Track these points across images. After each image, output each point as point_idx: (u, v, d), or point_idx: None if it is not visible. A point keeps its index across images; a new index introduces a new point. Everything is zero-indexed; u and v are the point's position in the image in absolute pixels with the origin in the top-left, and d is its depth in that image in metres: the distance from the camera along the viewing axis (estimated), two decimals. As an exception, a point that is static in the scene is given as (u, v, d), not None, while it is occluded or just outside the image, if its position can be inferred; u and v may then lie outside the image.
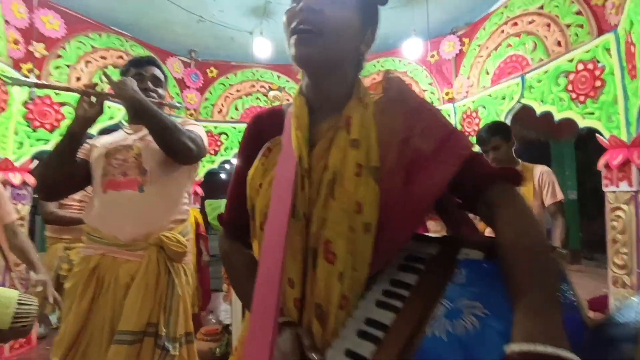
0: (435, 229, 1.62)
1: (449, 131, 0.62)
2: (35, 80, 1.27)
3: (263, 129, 0.72)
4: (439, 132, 0.61)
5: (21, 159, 2.97)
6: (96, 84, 1.22)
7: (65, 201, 2.64)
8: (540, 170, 2.11)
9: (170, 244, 1.20)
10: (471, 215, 0.68)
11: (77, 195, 2.61)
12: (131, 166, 1.26)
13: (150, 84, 1.36)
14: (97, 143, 1.38)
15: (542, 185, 2.06)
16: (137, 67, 1.38)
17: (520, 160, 2.17)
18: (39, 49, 3.14)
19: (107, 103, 1.22)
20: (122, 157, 1.28)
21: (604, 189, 2.39)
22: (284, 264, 0.54)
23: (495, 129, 2.14)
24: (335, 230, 0.57)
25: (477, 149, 2.13)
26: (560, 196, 2.06)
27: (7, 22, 2.88)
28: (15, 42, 2.95)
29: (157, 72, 1.41)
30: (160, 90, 1.40)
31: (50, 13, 3.21)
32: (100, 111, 1.21)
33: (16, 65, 2.96)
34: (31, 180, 2.98)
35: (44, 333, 3.19)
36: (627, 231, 2.21)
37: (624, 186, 2.25)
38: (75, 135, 1.21)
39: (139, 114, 1.20)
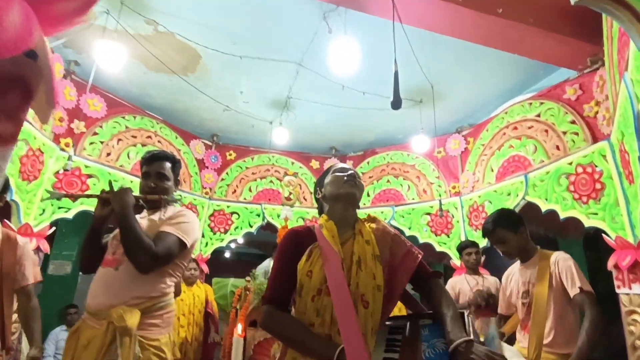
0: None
1: (409, 247, 1.15)
2: (65, 192, 1.62)
3: (301, 240, 1.12)
4: (405, 247, 1.15)
5: (40, 224, 3.07)
6: (112, 190, 1.47)
7: None
8: (555, 258, 1.82)
9: (114, 318, 1.31)
10: None
11: None
12: (121, 247, 1.42)
13: (152, 183, 1.57)
14: None
15: (559, 273, 1.76)
16: (147, 164, 1.60)
17: (538, 247, 1.94)
18: (79, 126, 3.45)
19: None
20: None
21: (617, 290, 2.35)
22: (356, 314, 0.96)
23: (498, 219, 1.94)
24: (366, 288, 1.03)
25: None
26: (582, 284, 1.71)
27: (57, 102, 3.22)
28: (60, 120, 3.27)
29: (165, 167, 1.61)
30: (165, 184, 1.60)
31: (96, 97, 3.60)
32: (108, 215, 1.47)
33: (56, 139, 3.23)
34: (45, 246, 3.04)
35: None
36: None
37: (636, 288, 2.22)
38: (96, 229, 1.49)
39: (119, 223, 1.40)
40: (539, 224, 5.14)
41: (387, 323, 1.09)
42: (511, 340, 1.97)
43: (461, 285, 2.78)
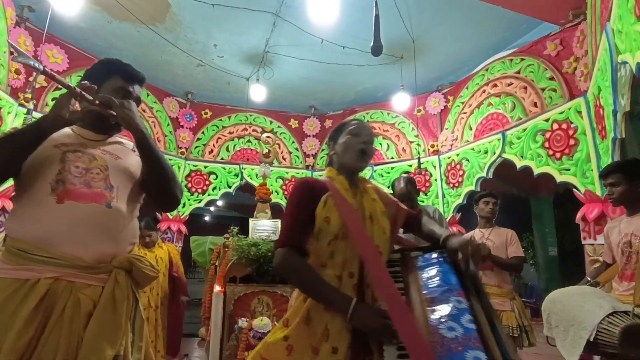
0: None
1: (396, 202, 1.30)
2: (43, 67, 1.12)
3: (314, 189, 1.15)
4: (394, 203, 1.28)
5: (2, 185, 2.91)
6: (96, 88, 1.08)
7: None
8: None
9: (144, 267, 1.08)
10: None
11: None
12: (96, 178, 1.09)
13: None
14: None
15: None
16: (128, 81, 1.22)
17: None
18: (39, 80, 3.21)
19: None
20: (84, 166, 1.10)
21: (583, 241, 2.46)
22: (380, 257, 1.07)
23: (622, 164, 1.93)
24: (379, 239, 1.12)
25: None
26: None
27: (11, 52, 2.97)
28: (17, 72, 3.02)
29: (140, 93, 1.29)
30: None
31: (56, 48, 3.33)
32: (81, 119, 1.07)
33: (14, 94, 3.00)
34: (10, 206, 2.90)
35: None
36: (607, 284, 2.26)
37: (601, 239, 2.34)
38: (45, 133, 1.03)
39: (142, 149, 1.11)
40: (512, 182, 5.30)
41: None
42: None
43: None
